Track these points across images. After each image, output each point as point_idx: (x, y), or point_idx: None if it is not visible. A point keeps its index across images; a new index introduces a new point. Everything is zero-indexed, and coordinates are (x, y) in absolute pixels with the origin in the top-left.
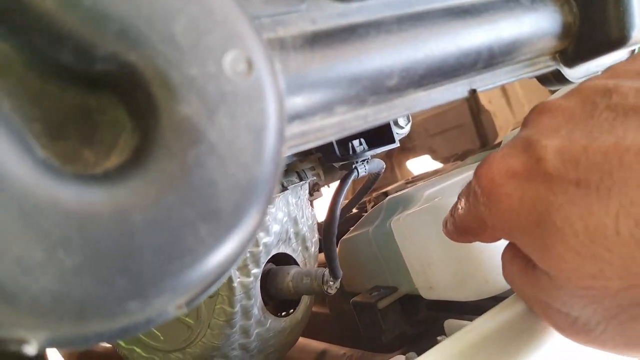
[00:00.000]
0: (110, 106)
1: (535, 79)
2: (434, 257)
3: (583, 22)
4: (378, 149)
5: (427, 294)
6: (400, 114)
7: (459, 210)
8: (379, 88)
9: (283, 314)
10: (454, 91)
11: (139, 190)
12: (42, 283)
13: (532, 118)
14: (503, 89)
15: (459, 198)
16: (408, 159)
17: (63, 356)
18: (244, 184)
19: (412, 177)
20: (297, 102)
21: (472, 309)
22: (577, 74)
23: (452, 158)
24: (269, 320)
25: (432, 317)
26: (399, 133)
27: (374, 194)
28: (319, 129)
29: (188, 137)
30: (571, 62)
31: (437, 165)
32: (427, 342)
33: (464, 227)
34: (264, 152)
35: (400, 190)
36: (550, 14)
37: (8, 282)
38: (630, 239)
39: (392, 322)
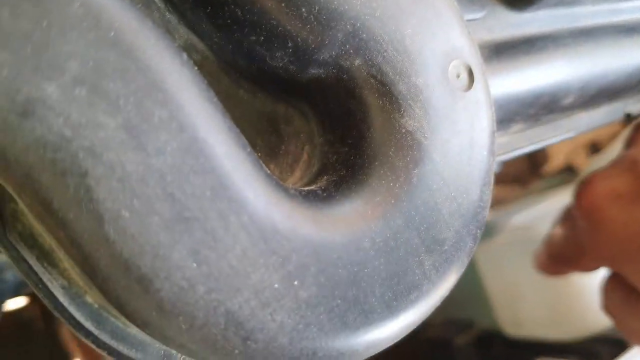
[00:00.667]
0: (297, 115)
1: None
2: (525, 291)
3: None
4: None
5: (512, 331)
6: (564, 136)
7: (554, 238)
8: (555, 106)
9: None
10: (612, 114)
11: (365, 211)
12: (278, 318)
13: (638, 137)
14: None
15: (554, 225)
16: None
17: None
18: (464, 210)
19: None
20: None
21: (559, 349)
22: None
23: (505, 180)
24: None
25: (510, 356)
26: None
27: None
28: None
29: (412, 155)
30: None
31: None
32: None
33: (560, 256)
34: (484, 173)
35: None
36: None
37: (245, 316)
38: None
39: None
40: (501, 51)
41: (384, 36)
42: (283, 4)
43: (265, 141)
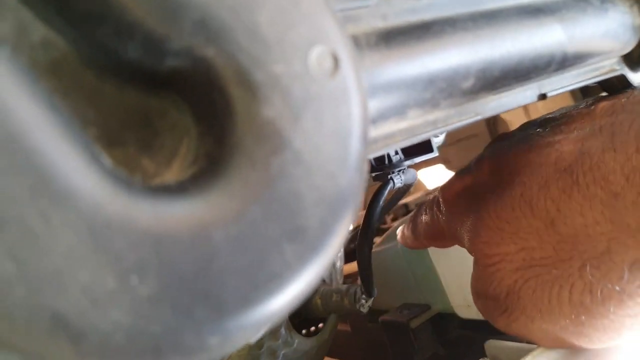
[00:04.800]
0: (173, 108)
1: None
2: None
3: None
4: (416, 159)
5: (464, 313)
6: (470, 119)
7: (422, 218)
8: (454, 90)
9: (304, 332)
10: (523, 95)
11: (219, 203)
12: (113, 317)
13: (490, 143)
14: None
15: (422, 211)
16: (420, 168)
17: None
18: (330, 197)
19: (433, 190)
20: (372, 105)
21: None
22: None
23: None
24: (296, 340)
25: (465, 337)
26: (436, 142)
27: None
28: (389, 134)
29: (272, 144)
30: (636, 65)
31: (450, 174)
32: None
33: (426, 233)
34: (351, 160)
35: (421, 202)
36: (620, 15)
37: (74, 317)
38: (520, 212)
39: (424, 343)
40: (392, 38)
41: (236, 24)
42: None
43: (137, 136)
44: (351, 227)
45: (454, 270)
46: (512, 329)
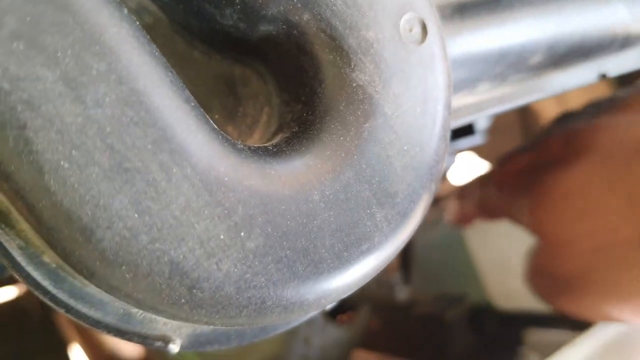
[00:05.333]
0: (254, 77)
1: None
2: (515, 263)
3: None
4: (459, 143)
5: (503, 303)
6: (535, 97)
7: (473, 194)
8: (522, 66)
9: (336, 319)
10: (583, 75)
11: (315, 165)
12: (224, 268)
13: (553, 121)
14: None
15: (472, 188)
16: None
17: None
18: (418, 164)
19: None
20: None
21: (550, 320)
22: None
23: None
24: (330, 329)
25: (501, 329)
26: (480, 128)
27: None
28: (458, 108)
29: (363, 109)
30: None
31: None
32: (501, 356)
33: (477, 210)
34: (437, 127)
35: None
36: None
37: (190, 266)
38: (598, 190)
39: (460, 335)
40: (465, 10)
41: None
42: None
43: (222, 103)
44: None
45: (494, 259)
46: (572, 308)
